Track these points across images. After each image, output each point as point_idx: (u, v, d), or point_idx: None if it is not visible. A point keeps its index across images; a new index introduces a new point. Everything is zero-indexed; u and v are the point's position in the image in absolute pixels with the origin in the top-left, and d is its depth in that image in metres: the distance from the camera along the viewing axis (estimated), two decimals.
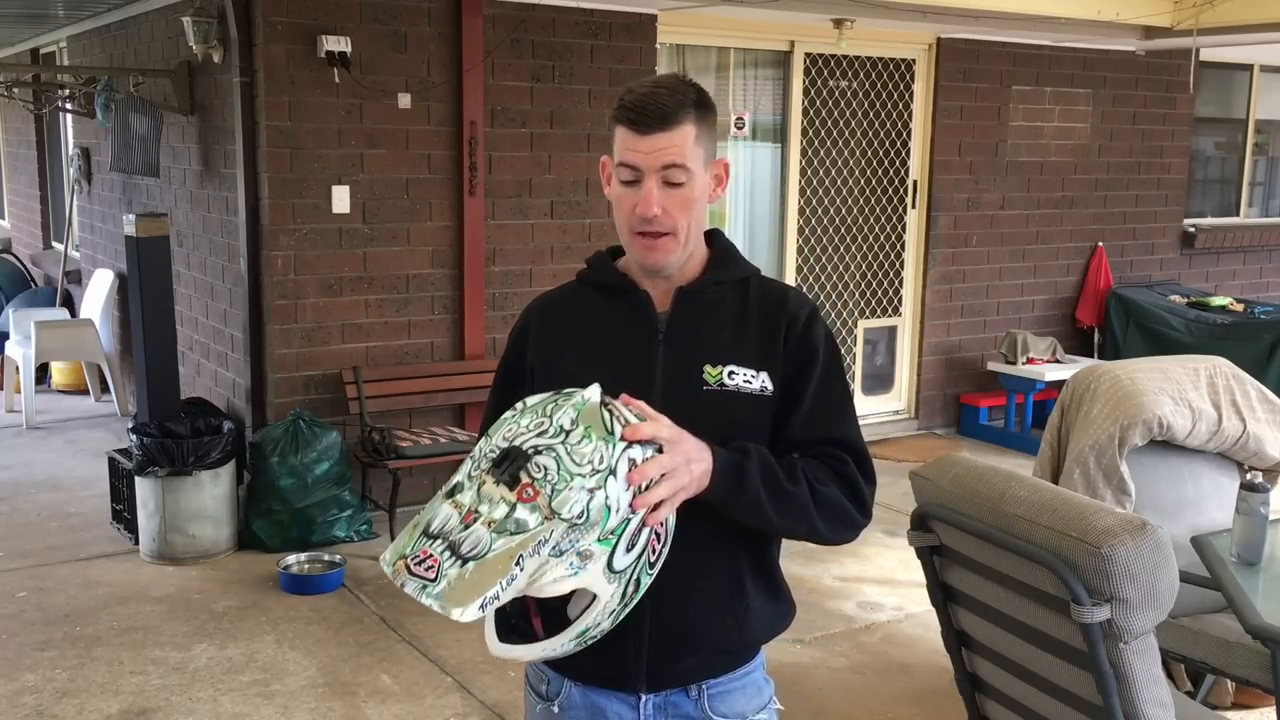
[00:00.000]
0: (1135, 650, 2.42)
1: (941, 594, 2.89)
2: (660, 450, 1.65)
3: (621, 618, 1.67)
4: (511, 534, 1.50)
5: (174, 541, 5.42)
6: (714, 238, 1.98)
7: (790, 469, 1.81)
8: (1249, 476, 3.35)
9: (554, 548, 1.52)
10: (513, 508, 1.51)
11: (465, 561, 1.47)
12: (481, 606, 1.45)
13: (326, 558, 5.36)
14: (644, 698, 1.89)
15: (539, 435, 1.57)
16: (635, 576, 1.64)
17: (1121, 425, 3.66)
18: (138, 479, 5.45)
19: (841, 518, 1.85)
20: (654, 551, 1.66)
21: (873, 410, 7.92)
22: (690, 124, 1.80)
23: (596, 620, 1.63)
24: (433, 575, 1.46)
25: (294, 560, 5.31)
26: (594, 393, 1.64)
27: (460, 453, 5.73)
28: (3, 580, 5.24)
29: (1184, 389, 3.77)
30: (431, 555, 1.48)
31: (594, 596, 1.60)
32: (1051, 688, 2.62)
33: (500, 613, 1.68)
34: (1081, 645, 2.44)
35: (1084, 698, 2.52)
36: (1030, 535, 2.48)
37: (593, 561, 1.56)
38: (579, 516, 1.53)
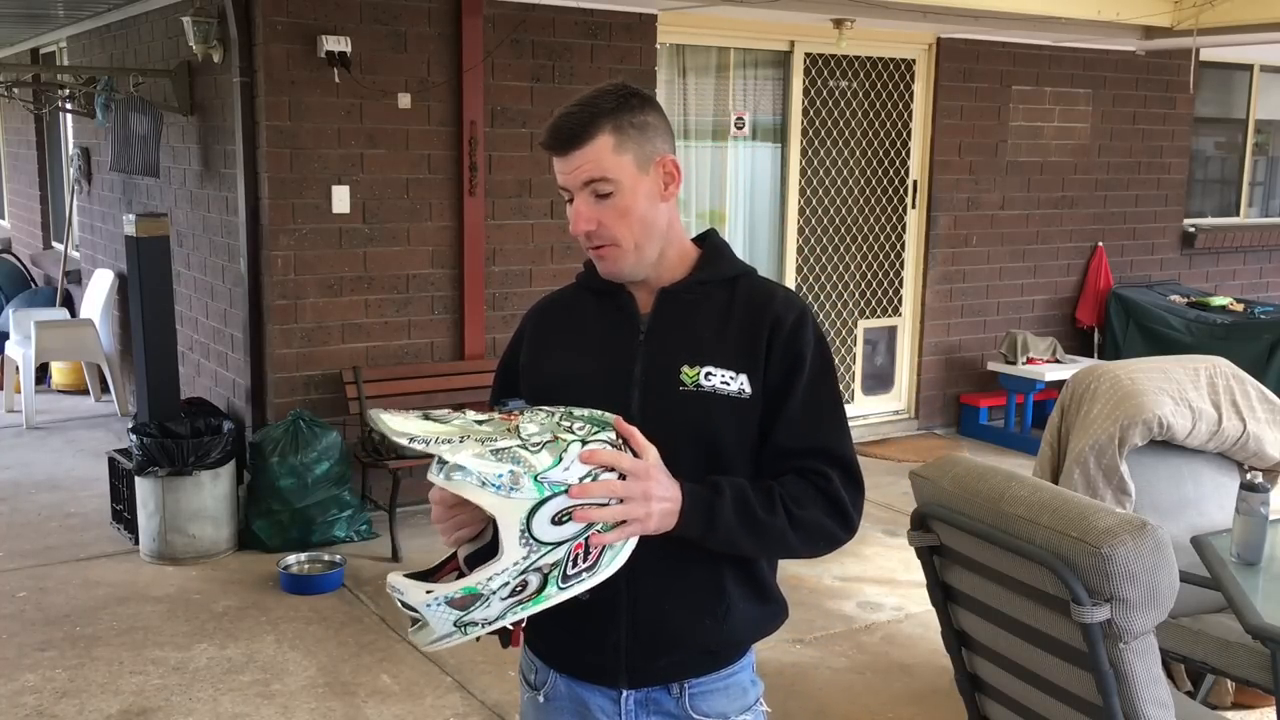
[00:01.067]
0: (1135, 650, 2.42)
1: (941, 594, 2.89)
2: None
3: (509, 618, 1.65)
4: (475, 424, 1.64)
5: (174, 541, 5.42)
6: (707, 237, 1.99)
7: (768, 497, 1.80)
8: (1249, 476, 3.35)
9: (496, 451, 1.61)
10: (490, 419, 1.66)
11: (426, 417, 1.64)
12: (409, 437, 1.59)
13: (326, 558, 5.36)
14: (625, 693, 1.90)
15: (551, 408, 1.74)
16: (543, 571, 1.64)
17: (1121, 425, 3.66)
18: (138, 479, 5.45)
19: (821, 537, 1.84)
20: (574, 564, 1.66)
21: (873, 410, 7.93)
22: (606, 135, 1.80)
23: (488, 584, 1.61)
24: (395, 417, 1.63)
25: (294, 560, 5.31)
26: (611, 416, 1.73)
27: None
28: (3, 580, 5.24)
29: (1184, 389, 3.77)
30: (407, 413, 1.66)
31: (498, 557, 1.62)
32: (1051, 688, 2.62)
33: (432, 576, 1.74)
34: (1081, 645, 2.44)
35: (1084, 698, 2.52)
36: (1030, 535, 2.48)
37: (517, 495, 1.60)
38: (533, 444, 1.62)
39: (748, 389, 1.83)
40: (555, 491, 1.62)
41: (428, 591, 1.63)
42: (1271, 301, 8.71)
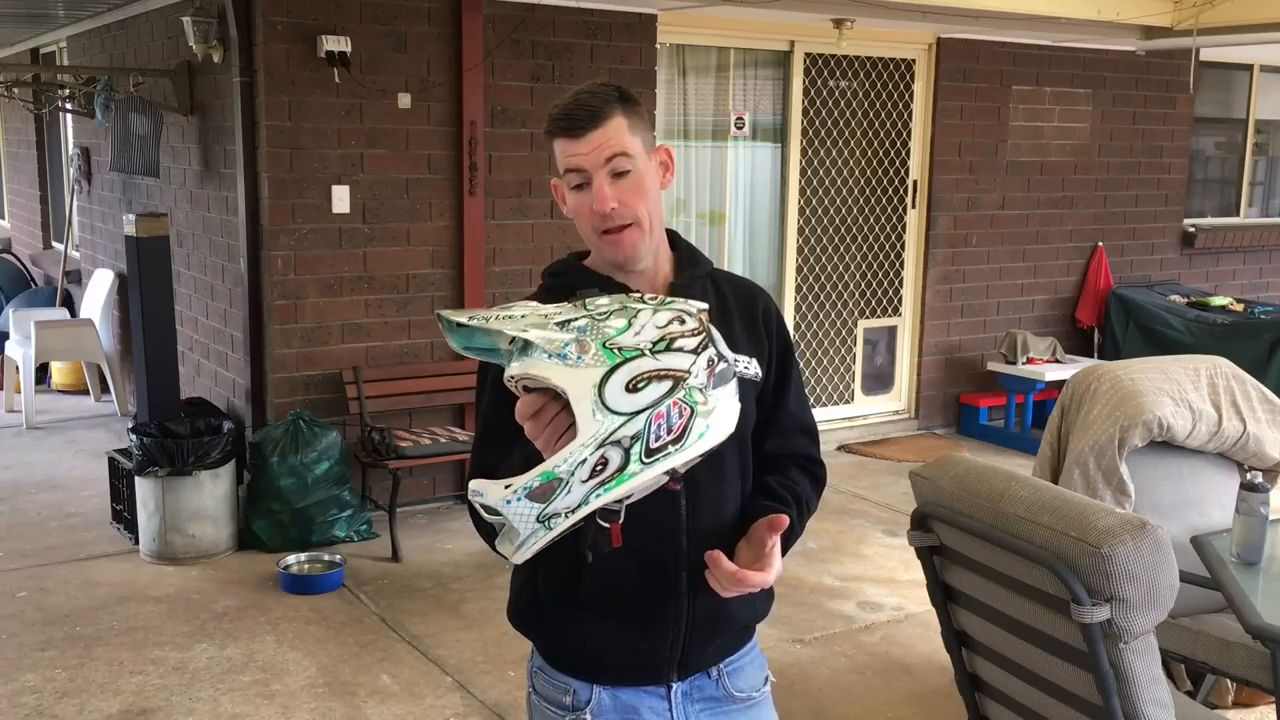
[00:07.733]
0: (1135, 650, 2.42)
1: (941, 594, 2.89)
2: None
3: (593, 502, 1.53)
4: (539, 310, 1.61)
5: (174, 541, 5.42)
6: (675, 237, 2.04)
7: (798, 504, 1.98)
8: (1249, 476, 3.35)
9: (561, 323, 1.57)
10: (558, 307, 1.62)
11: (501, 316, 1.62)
12: (469, 316, 1.59)
13: (326, 558, 5.36)
14: (674, 686, 1.96)
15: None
16: (623, 445, 1.52)
17: (1121, 426, 3.66)
18: (138, 479, 5.45)
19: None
20: (657, 437, 1.54)
21: (873, 410, 7.92)
22: (619, 116, 1.85)
23: (566, 465, 1.51)
24: (455, 312, 1.62)
25: (294, 560, 5.31)
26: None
27: (460, 452, 5.73)
28: (3, 580, 5.24)
29: (1184, 389, 3.77)
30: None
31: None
32: (1051, 688, 2.62)
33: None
34: (1081, 645, 2.44)
35: (1084, 698, 2.52)
36: (1030, 535, 2.48)
37: (586, 362, 1.54)
38: (599, 314, 1.58)
39: (760, 373, 1.95)
40: (627, 357, 1.55)
41: (506, 487, 1.54)
42: (1271, 301, 8.71)
